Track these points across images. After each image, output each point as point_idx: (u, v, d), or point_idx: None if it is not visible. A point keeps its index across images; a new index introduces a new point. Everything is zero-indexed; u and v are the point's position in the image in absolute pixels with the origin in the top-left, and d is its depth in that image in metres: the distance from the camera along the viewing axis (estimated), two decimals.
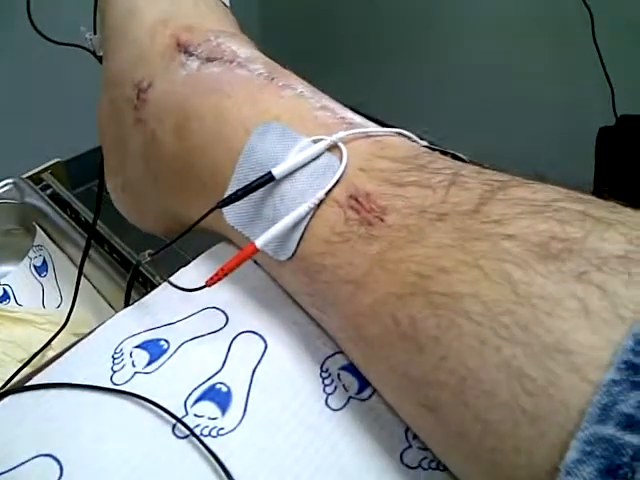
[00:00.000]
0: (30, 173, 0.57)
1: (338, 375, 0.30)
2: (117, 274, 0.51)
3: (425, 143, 0.30)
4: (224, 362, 0.30)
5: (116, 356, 0.31)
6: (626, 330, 0.18)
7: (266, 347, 0.31)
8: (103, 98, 0.37)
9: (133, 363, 0.31)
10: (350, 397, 0.29)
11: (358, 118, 0.30)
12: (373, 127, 0.29)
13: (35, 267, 0.57)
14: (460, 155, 0.29)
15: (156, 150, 0.33)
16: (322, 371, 0.30)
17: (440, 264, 0.22)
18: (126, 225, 0.44)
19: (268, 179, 0.28)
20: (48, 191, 0.57)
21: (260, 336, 0.32)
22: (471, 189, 0.24)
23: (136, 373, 0.30)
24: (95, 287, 0.53)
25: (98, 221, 0.51)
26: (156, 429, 0.28)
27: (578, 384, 0.18)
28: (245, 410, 0.29)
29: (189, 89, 0.31)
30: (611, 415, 0.17)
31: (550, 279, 0.20)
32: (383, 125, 0.29)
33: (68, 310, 0.49)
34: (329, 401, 0.29)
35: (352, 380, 0.30)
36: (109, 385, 0.30)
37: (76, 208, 0.55)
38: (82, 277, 0.50)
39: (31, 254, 0.57)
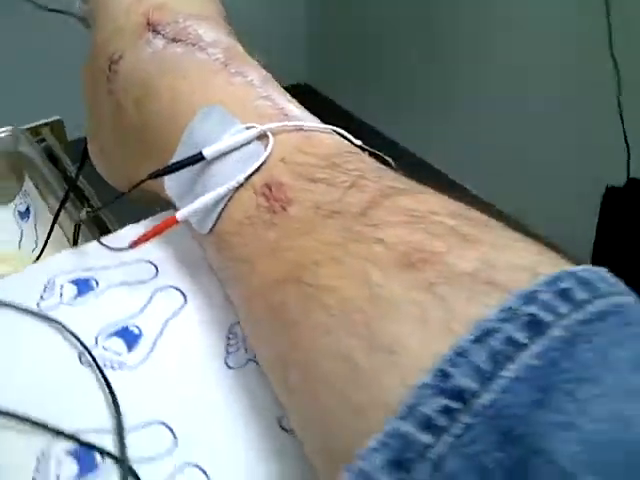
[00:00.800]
0: (28, 126, 0.60)
1: (244, 339, 0.32)
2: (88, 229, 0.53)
3: (359, 143, 0.32)
4: (143, 308, 0.33)
5: (47, 286, 0.34)
6: (453, 342, 0.20)
7: (185, 303, 0.34)
8: (85, 67, 0.39)
9: (61, 295, 0.33)
10: (249, 359, 0.32)
11: (298, 111, 0.32)
12: (310, 122, 0.31)
13: (19, 212, 0.60)
14: (387, 159, 0.32)
15: (121, 120, 0.36)
16: (229, 332, 0.33)
17: (316, 257, 0.25)
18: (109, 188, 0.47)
19: (199, 158, 0.30)
20: (43, 144, 0.60)
21: (182, 292, 0.34)
22: (366, 192, 0.26)
23: (61, 304, 0.33)
24: (67, 237, 0.55)
25: (82, 179, 0.54)
26: (65, 354, 0.31)
27: (398, 385, 0.20)
28: (150, 353, 0.31)
29: (152, 66, 0.34)
30: (414, 414, 0.19)
31: (401, 285, 0.22)
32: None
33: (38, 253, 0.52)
34: (228, 360, 0.32)
35: None
36: (34, 309, 0.32)
37: (64, 164, 0.58)
38: (56, 226, 0.53)
39: (17, 200, 0.60)
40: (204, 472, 0.27)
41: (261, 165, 0.29)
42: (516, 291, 0.20)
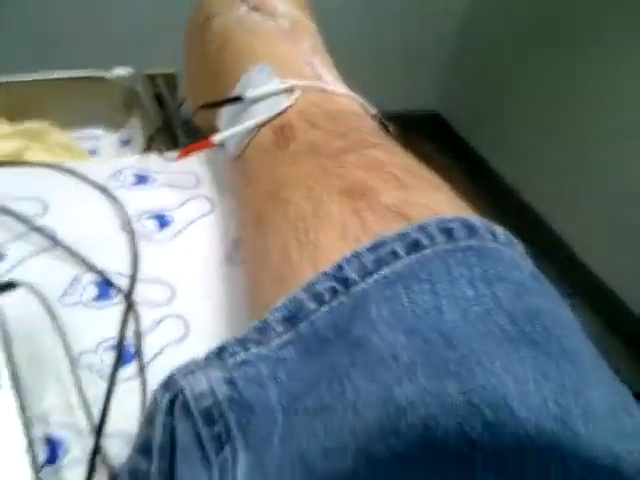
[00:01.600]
0: (149, 72, 0.72)
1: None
2: None
3: (374, 112, 0.40)
4: (179, 206, 0.43)
5: (115, 174, 0.44)
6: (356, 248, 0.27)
7: (211, 211, 0.43)
8: (189, 20, 0.50)
9: (124, 181, 0.43)
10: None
11: (331, 78, 0.40)
12: (337, 88, 0.40)
13: (121, 141, 0.73)
14: (388, 125, 0.40)
15: (205, 64, 0.46)
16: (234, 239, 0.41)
17: (294, 181, 0.33)
18: None
19: (240, 99, 0.39)
20: (155, 90, 0.72)
21: (210, 202, 0.43)
22: (348, 142, 0.34)
23: (122, 187, 0.43)
24: None
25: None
26: (114, 221, 0.41)
27: (312, 271, 0.27)
28: (173, 238, 0.41)
29: (234, 26, 0.43)
30: (310, 289, 0.26)
31: (338, 208, 0.29)
32: None
33: None
34: (229, 257, 0.41)
35: None
36: (101, 185, 0.43)
37: (169, 109, 0.70)
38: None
39: (123, 130, 0.72)
40: (186, 321, 0.36)
41: (282, 112, 0.37)
42: (415, 222, 0.28)
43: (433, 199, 0.30)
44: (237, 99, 0.39)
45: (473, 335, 0.22)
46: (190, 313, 0.37)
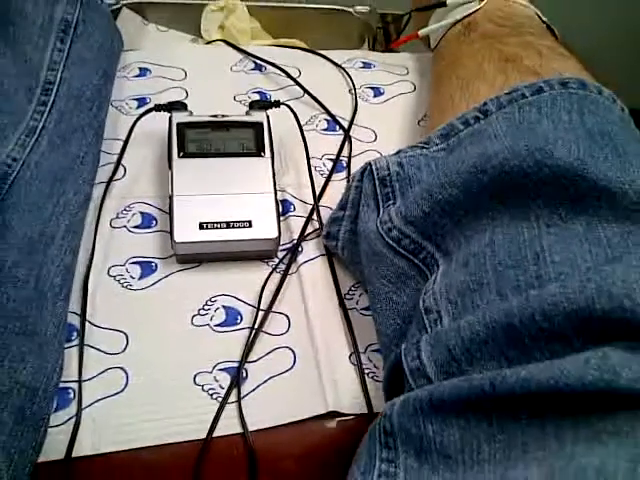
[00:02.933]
0: (384, 11, 0.88)
1: None
2: None
3: (544, 18, 0.51)
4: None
5: (351, 60, 0.60)
6: (507, 89, 0.40)
7: None
8: None
9: None
10: None
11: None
12: (526, 3, 0.51)
13: None
14: (553, 29, 0.51)
15: None
16: None
17: (466, 53, 0.46)
18: None
19: (443, 4, 0.53)
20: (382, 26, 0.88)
21: None
22: (511, 35, 0.46)
23: None
24: None
25: None
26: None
27: (465, 108, 0.41)
28: None
29: None
30: (465, 116, 0.40)
31: (493, 66, 0.42)
32: None
33: None
34: None
35: None
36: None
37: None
38: None
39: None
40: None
41: (473, 12, 0.50)
42: (540, 79, 0.39)
43: (563, 66, 0.42)
44: (442, 4, 0.53)
45: (556, 134, 0.34)
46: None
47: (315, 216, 0.46)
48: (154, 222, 0.45)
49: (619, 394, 0.22)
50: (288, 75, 0.56)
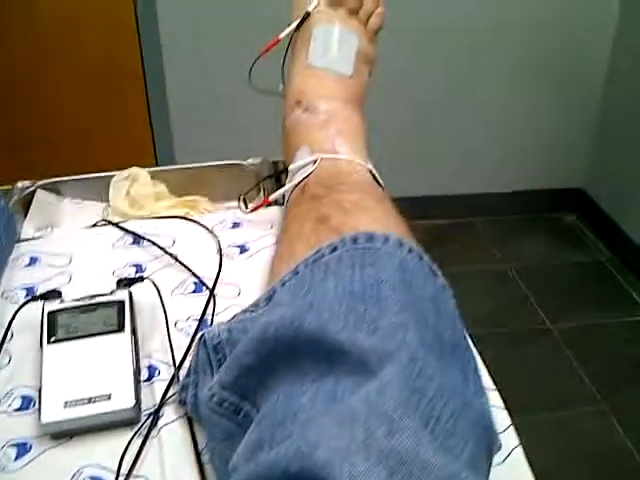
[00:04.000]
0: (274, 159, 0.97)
1: None
2: None
3: (369, 169, 0.59)
4: None
5: (222, 222, 0.68)
6: (312, 251, 0.47)
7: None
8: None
9: None
10: None
11: (344, 149, 0.60)
12: (343, 157, 0.59)
13: None
14: (377, 179, 0.58)
15: (286, 144, 0.69)
16: None
17: (298, 214, 0.54)
18: None
19: (287, 170, 0.61)
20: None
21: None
22: (329, 189, 0.54)
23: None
24: None
25: None
26: (208, 245, 0.64)
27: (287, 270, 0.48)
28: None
29: (294, 122, 0.65)
30: (283, 279, 0.47)
31: (307, 231, 0.51)
32: None
33: None
34: None
35: None
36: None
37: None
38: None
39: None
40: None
41: (307, 176, 0.58)
42: (338, 237, 0.46)
43: (364, 219, 0.49)
44: (285, 170, 0.61)
45: (320, 299, 0.41)
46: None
47: (177, 379, 0.52)
48: (32, 403, 0.51)
49: None
50: (160, 247, 0.64)
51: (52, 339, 0.51)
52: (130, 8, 1.77)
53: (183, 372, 0.52)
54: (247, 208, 0.71)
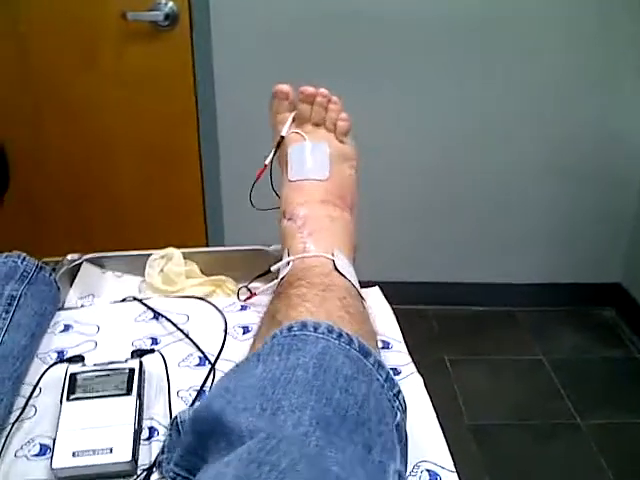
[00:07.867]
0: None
1: None
2: None
3: (337, 265, 0.68)
4: None
5: (232, 304, 0.77)
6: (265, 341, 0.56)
7: None
8: None
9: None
10: None
11: (314, 248, 0.68)
12: (312, 256, 0.68)
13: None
14: (342, 273, 0.67)
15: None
16: None
17: (271, 309, 0.63)
18: None
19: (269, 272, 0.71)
20: None
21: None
22: (291, 286, 0.63)
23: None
24: None
25: None
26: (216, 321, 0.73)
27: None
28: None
29: (281, 229, 0.75)
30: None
31: (266, 325, 0.60)
32: None
33: None
34: None
35: None
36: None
37: None
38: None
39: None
40: None
41: (284, 276, 0.67)
42: (278, 328, 0.54)
43: (303, 312, 0.58)
44: (267, 272, 0.71)
45: (237, 384, 0.50)
46: None
47: None
48: (48, 450, 0.60)
49: None
50: (173, 324, 0.73)
51: (71, 397, 0.61)
52: (192, 111, 1.90)
53: None
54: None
